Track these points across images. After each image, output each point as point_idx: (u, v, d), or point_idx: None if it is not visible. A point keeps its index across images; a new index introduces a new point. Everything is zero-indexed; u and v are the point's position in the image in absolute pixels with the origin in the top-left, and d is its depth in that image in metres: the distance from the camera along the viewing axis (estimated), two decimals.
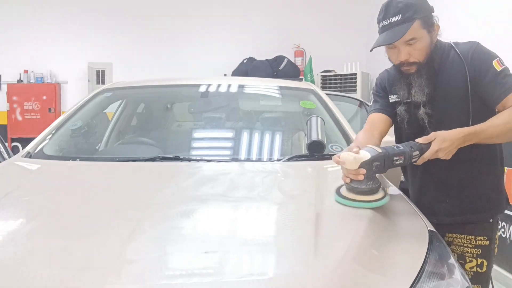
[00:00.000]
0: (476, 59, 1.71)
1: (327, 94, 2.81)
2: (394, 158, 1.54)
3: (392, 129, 1.94)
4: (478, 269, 1.79)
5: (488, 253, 1.80)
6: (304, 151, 2.04)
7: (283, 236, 1.34)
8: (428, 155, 1.59)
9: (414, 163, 1.62)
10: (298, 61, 6.79)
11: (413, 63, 1.72)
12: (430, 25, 1.71)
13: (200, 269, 1.16)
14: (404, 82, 1.78)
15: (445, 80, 1.75)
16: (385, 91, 1.91)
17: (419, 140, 1.61)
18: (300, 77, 6.43)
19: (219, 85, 2.79)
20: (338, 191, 1.57)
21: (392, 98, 1.87)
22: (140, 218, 1.40)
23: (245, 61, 6.58)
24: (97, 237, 1.30)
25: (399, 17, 1.66)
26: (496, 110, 1.70)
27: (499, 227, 3.59)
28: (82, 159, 2.14)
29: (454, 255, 1.80)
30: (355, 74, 6.26)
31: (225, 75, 6.28)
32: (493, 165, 1.81)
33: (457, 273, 1.28)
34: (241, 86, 2.84)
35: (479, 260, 1.79)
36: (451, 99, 1.75)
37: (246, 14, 6.92)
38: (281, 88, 2.85)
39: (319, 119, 2.07)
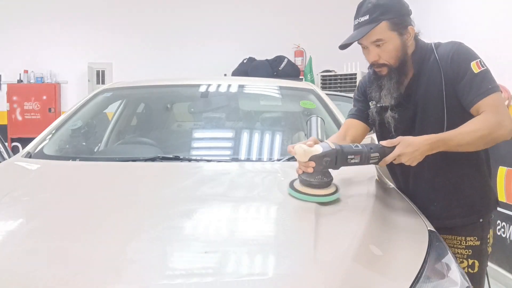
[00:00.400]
0: (455, 60, 1.67)
1: (327, 94, 2.81)
2: (349, 157, 1.54)
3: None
4: (470, 269, 1.77)
5: (480, 253, 1.78)
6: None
7: (283, 236, 1.34)
8: (389, 158, 1.57)
9: (375, 164, 1.61)
10: (298, 61, 6.80)
11: (383, 65, 1.71)
12: (401, 27, 1.68)
13: (200, 269, 1.16)
14: (377, 84, 1.77)
15: (423, 84, 1.72)
16: (365, 96, 1.88)
17: (383, 143, 1.60)
18: (300, 77, 6.43)
19: (219, 85, 2.79)
20: (291, 185, 1.58)
21: (372, 104, 1.84)
22: (140, 218, 1.41)
23: (245, 61, 6.58)
24: (97, 237, 1.30)
25: (367, 17, 1.67)
26: (471, 113, 1.66)
27: (499, 227, 3.60)
28: (82, 159, 2.13)
29: (462, 261, 1.79)
30: (355, 74, 6.26)
31: (225, 75, 6.27)
32: (479, 168, 1.79)
33: (457, 273, 1.28)
34: (241, 86, 2.84)
35: (470, 261, 1.77)
36: (427, 104, 1.71)
37: (246, 14, 6.92)
38: (281, 88, 2.85)
39: (319, 119, 2.07)
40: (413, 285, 1.17)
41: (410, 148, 1.56)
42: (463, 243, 1.78)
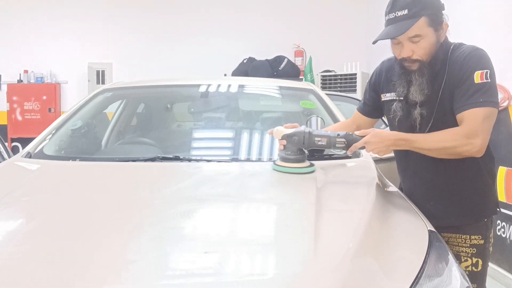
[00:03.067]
0: (464, 66, 1.65)
1: (327, 94, 2.81)
2: (316, 139, 1.77)
3: None
4: (474, 268, 1.79)
5: (483, 252, 1.80)
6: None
7: (283, 236, 1.34)
8: (358, 144, 1.70)
9: (344, 150, 1.77)
10: (298, 61, 6.79)
11: (416, 61, 1.68)
12: (438, 23, 1.66)
13: (200, 269, 1.16)
14: (405, 79, 1.73)
15: (439, 82, 1.71)
16: (378, 88, 1.92)
17: (357, 132, 1.73)
18: (300, 77, 6.42)
19: (219, 85, 2.79)
20: (274, 162, 1.85)
21: (387, 97, 1.86)
22: (140, 218, 1.40)
23: (245, 61, 6.57)
24: (97, 237, 1.30)
25: (406, 11, 1.62)
26: (457, 119, 1.66)
27: (499, 227, 3.60)
28: (82, 159, 2.13)
29: (467, 260, 1.81)
30: (355, 74, 6.25)
31: (225, 75, 6.27)
32: (478, 172, 1.78)
33: (457, 273, 1.28)
34: (241, 86, 2.84)
35: (474, 260, 1.78)
36: (442, 104, 1.72)
37: (246, 14, 6.91)
38: (281, 88, 2.85)
39: (319, 119, 2.08)
40: (413, 285, 1.17)
41: (377, 139, 1.67)
42: (468, 241, 1.79)
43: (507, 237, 3.53)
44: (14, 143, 6.55)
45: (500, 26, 3.62)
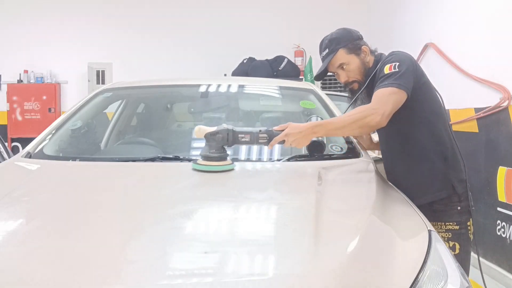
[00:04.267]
0: (380, 67, 2.00)
1: (327, 94, 2.82)
2: (240, 135, 1.82)
3: None
4: (451, 251, 1.91)
5: (459, 237, 2.02)
6: (304, 151, 2.04)
7: (283, 236, 1.34)
8: (278, 138, 1.83)
9: (266, 145, 1.85)
10: (298, 61, 6.79)
11: (353, 82, 2.10)
12: (356, 49, 2.07)
13: (200, 269, 1.16)
14: (351, 98, 2.15)
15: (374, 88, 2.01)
16: None
17: (275, 127, 1.86)
18: (300, 77, 6.42)
19: (219, 85, 2.79)
20: (194, 161, 1.84)
21: None
22: (140, 218, 1.40)
23: (245, 61, 6.57)
24: (97, 237, 1.30)
25: (326, 50, 2.10)
26: None
27: (499, 227, 3.59)
28: (82, 159, 2.13)
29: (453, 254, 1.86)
30: None
31: (225, 75, 6.27)
32: (424, 157, 2.03)
33: (457, 273, 1.29)
34: (241, 86, 2.84)
35: (451, 243, 2.00)
36: None
37: (246, 14, 6.91)
38: (281, 88, 2.85)
39: (319, 119, 2.08)
40: (413, 285, 1.17)
41: (295, 130, 1.83)
42: (443, 227, 2.02)
43: (507, 237, 3.53)
44: (14, 143, 6.54)
45: (500, 26, 3.62)
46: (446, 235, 2.01)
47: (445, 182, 2.03)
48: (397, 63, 1.94)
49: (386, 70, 1.94)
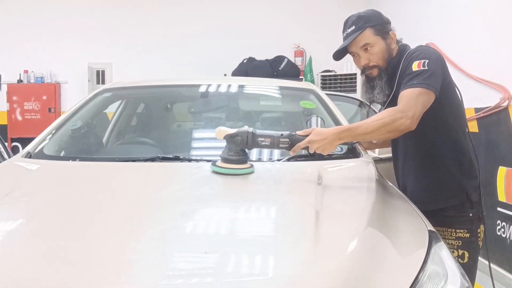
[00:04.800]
0: (408, 61, 1.89)
1: (327, 94, 2.81)
2: (260, 139, 1.74)
3: None
4: (460, 260, 1.92)
5: (469, 245, 1.94)
6: (304, 151, 2.04)
7: (283, 236, 1.34)
8: (301, 144, 1.73)
9: (287, 149, 1.77)
10: (298, 61, 6.79)
11: (373, 67, 1.96)
12: (383, 32, 1.95)
13: (200, 269, 1.16)
14: (369, 85, 2.01)
15: (397, 82, 1.94)
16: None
17: (299, 132, 1.77)
18: (300, 77, 6.42)
19: (219, 85, 2.79)
20: (213, 163, 1.78)
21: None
22: (140, 218, 1.41)
23: (245, 61, 6.57)
24: (97, 237, 1.30)
25: (353, 27, 1.96)
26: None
27: (499, 227, 3.60)
28: (82, 159, 2.13)
29: (453, 251, 1.92)
30: (355, 74, 6.25)
31: (225, 75, 6.27)
32: (441, 163, 1.97)
33: (457, 273, 1.28)
34: (241, 86, 2.84)
35: (460, 251, 1.93)
36: (391, 102, 1.94)
37: (246, 14, 6.91)
38: (281, 88, 2.85)
39: (319, 119, 2.07)
40: (413, 285, 1.17)
41: (320, 137, 1.73)
42: (453, 234, 1.95)
43: (507, 237, 3.53)
44: (14, 143, 6.55)
45: (500, 26, 3.62)
46: (456, 242, 1.95)
47: (459, 189, 1.97)
48: (427, 61, 1.83)
49: (415, 67, 1.83)
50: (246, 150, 1.79)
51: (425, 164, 1.99)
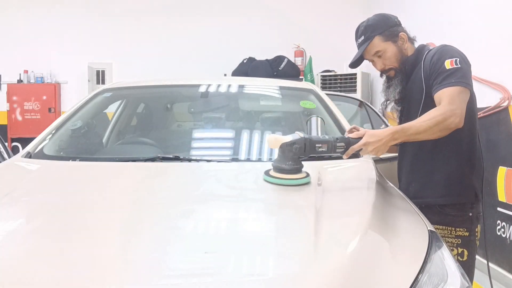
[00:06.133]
0: (435, 58, 1.92)
1: (327, 94, 2.81)
2: (317, 145, 1.70)
3: None
4: (459, 257, 1.96)
5: (468, 244, 1.98)
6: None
7: (283, 236, 1.34)
8: (356, 147, 1.73)
9: (342, 154, 1.75)
10: (298, 61, 6.79)
11: (390, 69, 2.05)
12: (392, 36, 2.02)
13: (200, 269, 1.16)
14: (387, 85, 2.11)
15: (412, 81, 2.02)
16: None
17: (351, 135, 1.77)
18: (300, 77, 6.42)
19: (219, 85, 2.79)
20: (266, 172, 1.71)
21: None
22: (140, 218, 1.41)
23: (245, 61, 6.57)
24: (97, 237, 1.30)
25: (362, 37, 2.05)
26: (435, 100, 1.89)
27: (499, 227, 3.60)
28: (82, 159, 2.13)
29: (453, 249, 1.95)
30: (355, 74, 6.26)
31: (225, 75, 6.27)
32: (455, 160, 1.99)
33: (457, 273, 1.28)
34: (241, 86, 2.84)
35: (460, 249, 1.97)
36: (410, 99, 2.02)
37: (246, 14, 6.91)
38: (281, 88, 2.85)
39: (319, 119, 2.08)
40: (413, 285, 1.17)
41: (374, 138, 1.74)
42: (453, 233, 1.99)
43: (507, 237, 3.53)
44: (14, 143, 6.54)
45: (500, 26, 3.62)
46: (456, 241, 1.98)
47: (468, 188, 2.00)
48: (458, 59, 1.87)
49: (448, 65, 1.86)
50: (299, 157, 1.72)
51: (439, 160, 2.00)
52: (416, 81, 1.99)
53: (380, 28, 2.01)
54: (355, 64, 2.11)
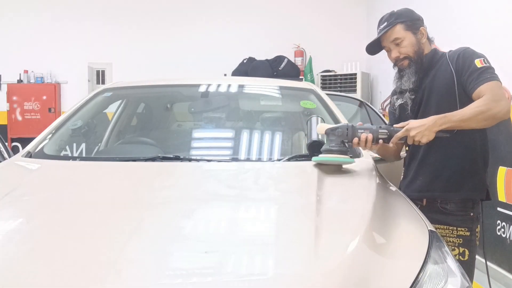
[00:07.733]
0: (462, 57, 1.99)
1: (327, 94, 2.81)
2: (359, 131, 1.85)
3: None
4: (461, 257, 1.98)
5: (469, 243, 2.00)
6: (304, 151, 2.04)
7: (283, 236, 1.34)
8: (399, 134, 1.82)
9: (386, 141, 1.86)
10: (298, 61, 6.79)
11: (404, 58, 2.07)
12: (414, 28, 2.06)
13: (200, 269, 1.16)
14: (399, 76, 2.13)
15: (431, 76, 2.06)
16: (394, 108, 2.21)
17: (395, 126, 1.86)
18: (300, 77, 6.43)
19: (219, 85, 2.79)
20: (314, 156, 1.87)
21: (397, 102, 2.18)
22: (140, 218, 1.41)
23: (245, 61, 6.58)
24: (97, 237, 1.30)
25: (385, 23, 2.08)
26: (473, 98, 1.93)
27: (499, 227, 3.60)
28: (82, 159, 2.13)
29: (454, 249, 1.95)
30: (355, 74, 6.26)
31: (225, 75, 6.27)
32: (469, 155, 2.02)
33: (457, 273, 1.29)
34: (241, 86, 2.84)
35: (461, 249, 1.99)
36: (436, 90, 2.04)
37: (246, 14, 6.92)
38: (281, 88, 2.85)
39: (319, 119, 2.07)
40: (413, 285, 1.17)
41: (417, 123, 1.81)
42: (455, 232, 2.01)
43: (507, 237, 3.53)
44: (14, 143, 6.54)
45: (500, 26, 3.62)
46: (457, 240, 2.00)
47: (481, 184, 2.04)
48: (484, 58, 1.96)
49: (478, 64, 1.94)
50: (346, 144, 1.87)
51: (453, 155, 2.01)
52: (439, 76, 2.03)
53: (404, 17, 2.06)
54: (372, 49, 2.15)
